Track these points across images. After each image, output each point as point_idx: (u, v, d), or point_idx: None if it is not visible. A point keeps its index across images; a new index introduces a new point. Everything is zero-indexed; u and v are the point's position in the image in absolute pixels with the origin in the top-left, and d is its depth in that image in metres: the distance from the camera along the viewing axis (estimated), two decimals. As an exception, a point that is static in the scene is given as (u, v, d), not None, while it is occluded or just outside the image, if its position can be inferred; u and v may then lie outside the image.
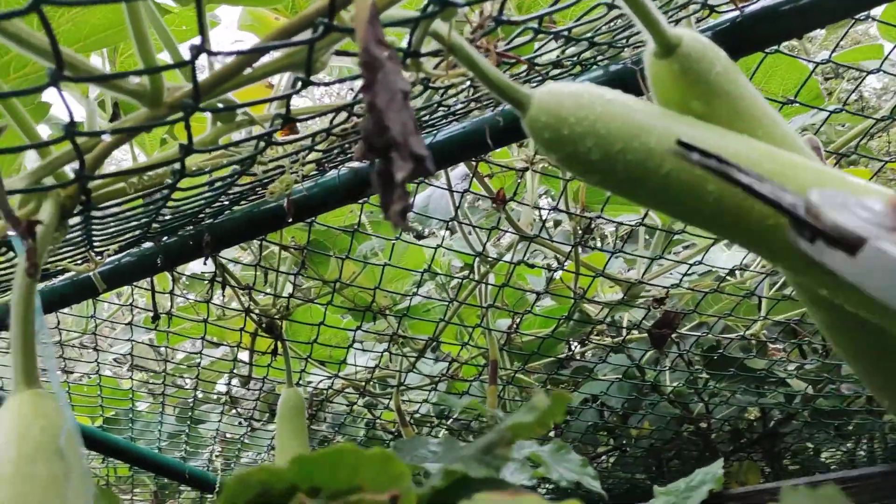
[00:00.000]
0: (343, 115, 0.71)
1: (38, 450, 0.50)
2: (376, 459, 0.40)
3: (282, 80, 1.07)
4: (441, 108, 0.89)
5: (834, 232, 0.40)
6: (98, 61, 1.09)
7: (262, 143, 0.64)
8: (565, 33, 0.72)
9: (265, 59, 0.55)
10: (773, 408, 2.11)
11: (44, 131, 1.38)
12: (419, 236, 3.19)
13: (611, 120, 0.48)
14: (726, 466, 2.44)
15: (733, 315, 1.58)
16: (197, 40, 0.46)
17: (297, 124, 1.03)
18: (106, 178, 0.58)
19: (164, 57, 1.16)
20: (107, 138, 0.55)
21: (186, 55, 0.47)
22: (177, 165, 0.61)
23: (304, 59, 0.50)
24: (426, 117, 0.94)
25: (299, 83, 0.50)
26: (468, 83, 0.79)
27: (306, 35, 0.47)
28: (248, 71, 0.51)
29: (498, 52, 0.59)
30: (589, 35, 0.80)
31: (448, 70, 0.53)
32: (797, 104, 1.12)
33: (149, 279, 1.53)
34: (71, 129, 0.46)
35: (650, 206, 0.53)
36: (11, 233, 0.53)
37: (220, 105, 0.70)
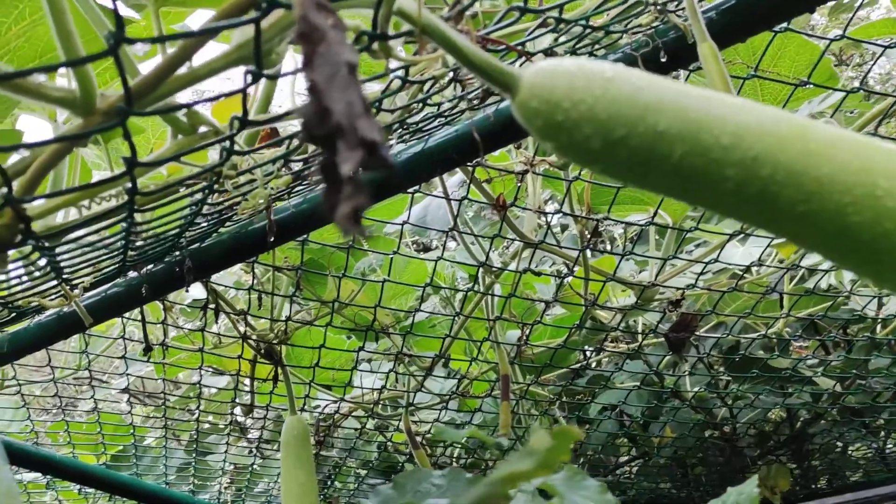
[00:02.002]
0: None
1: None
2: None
3: (257, 95, 1.00)
4: (428, 109, 0.82)
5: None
6: (64, 82, 1.02)
7: (224, 154, 0.57)
8: (556, 16, 0.65)
9: (214, 54, 0.48)
10: (800, 408, 2.02)
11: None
12: (426, 249, 3.12)
13: (612, 102, 0.41)
14: (754, 470, 2.35)
15: (753, 314, 1.50)
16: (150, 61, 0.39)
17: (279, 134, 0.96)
18: (49, 204, 0.52)
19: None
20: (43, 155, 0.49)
21: (143, 66, 0.41)
22: (128, 184, 0.54)
23: (254, 45, 0.43)
24: (415, 119, 0.87)
25: (249, 77, 0.43)
26: (451, 76, 0.72)
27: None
28: (185, 70, 0.44)
29: (481, 37, 0.52)
30: (581, 19, 0.73)
31: (423, 53, 0.46)
32: (811, 86, 1.05)
33: (139, 310, 1.47)
34: (-19, 145, 0.39)
35: (664, 195, 0.45)
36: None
37: (182, 118, 0.64)
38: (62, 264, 0.83)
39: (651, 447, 2.29)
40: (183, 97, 0.59)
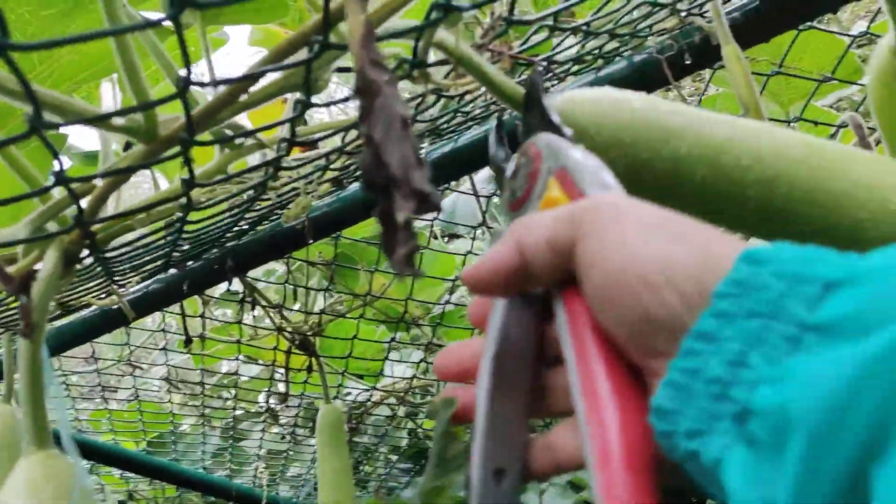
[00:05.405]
0: (355, 132, 0.68)
1: (51, 514, 0.47)
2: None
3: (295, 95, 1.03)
4: (459, 115, 0.85)
5: None
6: (108, 89, 1.06)
7: (270, 170, 0.61)
8: (584, 27, 0.68)
9: (263, 81, 0.52)
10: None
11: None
12: (454, 236, 3.15)
13: (636, 128, 0.44)
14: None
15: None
16: (195, 66, 0.43)
17: (318, 143, 1.00)
18: (109, 221, 0.56)
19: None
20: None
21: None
22: (183, 200, 0.58)
23: (304, 79, 0.46)
24: (444, 125, 0.90)
25: (299, 106, 0.47)
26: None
27: (302, 55, 0.44)
28: (244, 97, 0.47)
29: (511, 55, 0.55)
30: (609, 27, 0.75)
31: (457, 79, 0.49)
32: (834, 81, 1.06)
33: (178, 304, 1.52)
34: (61, 176, 0.43)
35: (688, 213, 0.48)
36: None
37: (229, 132, 0.67)
38: (114, 269, 0.87)
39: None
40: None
